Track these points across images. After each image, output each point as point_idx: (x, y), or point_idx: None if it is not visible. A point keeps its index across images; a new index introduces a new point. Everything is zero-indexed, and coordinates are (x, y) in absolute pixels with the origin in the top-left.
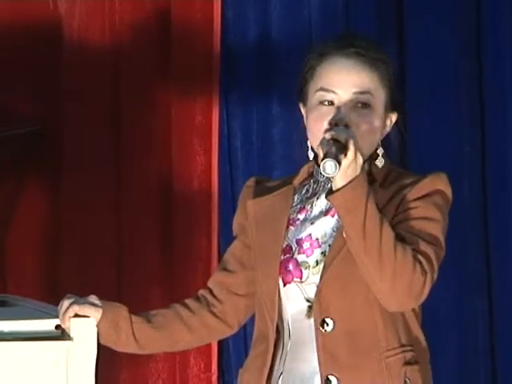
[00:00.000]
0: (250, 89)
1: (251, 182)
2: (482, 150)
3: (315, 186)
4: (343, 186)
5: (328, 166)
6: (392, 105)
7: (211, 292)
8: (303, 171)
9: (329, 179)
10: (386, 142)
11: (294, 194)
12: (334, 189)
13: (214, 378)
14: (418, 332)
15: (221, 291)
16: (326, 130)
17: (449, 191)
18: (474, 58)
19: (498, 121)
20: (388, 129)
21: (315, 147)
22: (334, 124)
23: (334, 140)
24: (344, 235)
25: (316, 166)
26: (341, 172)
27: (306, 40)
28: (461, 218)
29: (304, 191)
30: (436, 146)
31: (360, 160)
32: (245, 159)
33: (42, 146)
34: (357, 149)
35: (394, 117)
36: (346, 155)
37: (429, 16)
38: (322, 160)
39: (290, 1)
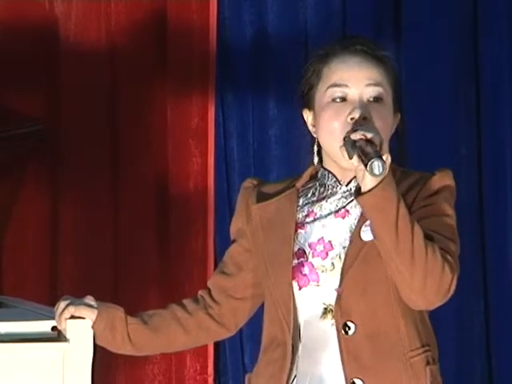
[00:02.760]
0: (246, 90)
1: (248, 183)
2: (478, 152)
3: (322, 189)
4: (373, 187)
5: (376, 167)
6: (397, 105)
7: (210, 293)
8: (306, 174)
9: (338, 182)
10: None
11: (299, 197)
12: (363, 190)
13: (210, 379)
14: (432, 331)
15: (218, 293)
16: (351, 131)
17: (454, 185)
18: (470, 60)
19: (494, 123)
20: (393, 129)
21: (331, 148)
22: (356, 123)
23: (367, 141)
24: (362, 236)
25: (322, 170)
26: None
27: (302, 41)
28: (457, 219)
29: (310, 194)
30: (432, 148)
31: (389, 160)
32: (241, 160)
33: (39, 146)
34: (387, 148)
35: (398, 117)
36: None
37: (426, 18)
38: (368, 161)
39: (286, 1)
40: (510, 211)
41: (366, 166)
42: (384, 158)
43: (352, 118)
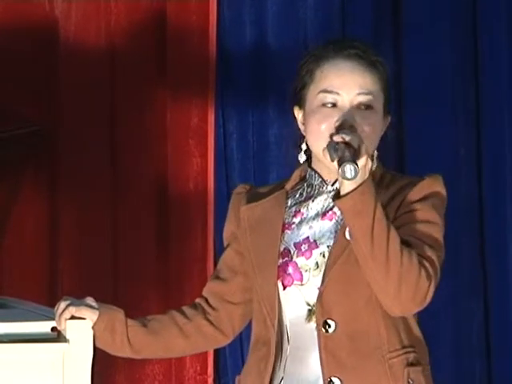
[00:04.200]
0: (246, 90)
1: (240, 188)
2: (477, 153)
3: (309, 189)
4: (352, 190)
5: (348, 170)
6: (387, 107)
7: (206, 300)
8: (295, 176)
9: (324, 181)
10: (382, 146)
11: (287, 199)
12: (341, 193)
13: (210, 380)
14: (418, 333)
15: (215, 300)
16: (333, 134)
17: (445, 192)
18: (470, 61)
19: (493, 123)
20: (383, 131)
21: (317, 150)
22: (340, 127)
23: (346, 144)
24: (347, 235)
25: (309, 170)
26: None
27: (301, 42)
28: (456, 220)
29: (298, 195)
30: (432, 149)
31: (369, 164)
32: (241, 161)
33: (39, 146)
34: (367, 153)
35: (388, 119)
36: (358, 160)
37: (425, 18)
38: (340, 164)
39: (286, 2)
40: (509, 211)
41: (338, 169)
42: (361, 162)
43: (337, 125)
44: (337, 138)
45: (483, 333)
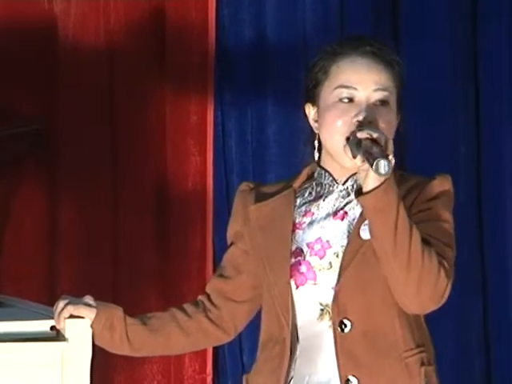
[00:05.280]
0: (245, 88)
1: (245, 186)
2: (477, 150)
3: (319, 188)
4: (375, 188)
5: (382, 166)
6: (400, 105)
7: (209, 297)
8: (303, 174)
9: (335, 181)
10: None
11: (296, 197)
12: (364, 190)
13: (209, 379)
14: (427, 332)
15: (217, 297)
16: (356, 131)
17: (453, 192)
18: (469, 58)
19: (493, 121)
20: (395, 129)
21: (332, 146)
22: (360, 124)
23: (373, 141)
24: (361, 234)
25: (319, 169)
26: (374, 174)
27: (300, 39)
28: (456, 217)
29: (307, 194)
30: (432, 146)
31: (393, 161)
32: (240, 159)
33: (37, 145)
34: (392, 150)
35: (399, 117)
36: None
37: (424, 16)
38: (374, 160)
39: (285, 0)
40: (508, 209)
41: (371, 165)
42: (390, 158)
43: (358, 121)
44: (362, 135)
45: (482, 331)
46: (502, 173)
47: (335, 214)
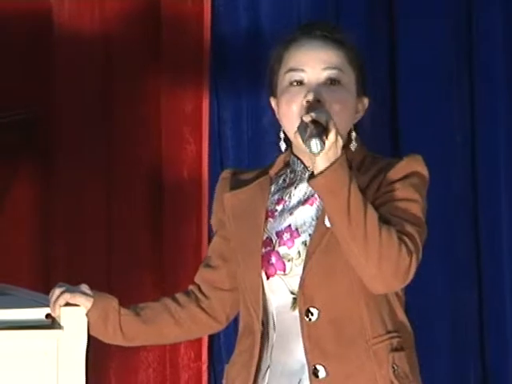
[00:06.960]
0: (240, 77)
1: (226, 173)
2: (472, 140)
3: (292, 175)
4: (325, 169)
5: (314, 145)
6: (363, 89)
7: (199, 288)
8: (279, 161)
9: (306, 168)
10: (377, 133)
11: (271, 185)
12: (315, 172)
13: (204, 367)
14: (402, 317)
15: (206, 288)
16: (303, 115)
17: (425, 172)
18: (464, 47)
19: (488, 110)
20: (361, 113)
21: (292, 132)
22: (309, 107)
23: (315, 122)
24: (326, 222)
25: (292, 156)
26: (322, 154)
27: (296, 28)
28: (451, 209)
29: (281, 181)
30: (427, 135)
31: (340, 142)
32: (235, 148)
33: (32, 134)
34: (337, 130)
35: (366, 101)
36: (327, 137)
37: (419, 9)
38: (306, 140)
39: None
40: (504, 199)
41: (305, 144)
42: (330, 137)
43: (307, 101)
44: (306, 118)
45: (478, 329)
46: (497, 162)
47: (306, 200)
